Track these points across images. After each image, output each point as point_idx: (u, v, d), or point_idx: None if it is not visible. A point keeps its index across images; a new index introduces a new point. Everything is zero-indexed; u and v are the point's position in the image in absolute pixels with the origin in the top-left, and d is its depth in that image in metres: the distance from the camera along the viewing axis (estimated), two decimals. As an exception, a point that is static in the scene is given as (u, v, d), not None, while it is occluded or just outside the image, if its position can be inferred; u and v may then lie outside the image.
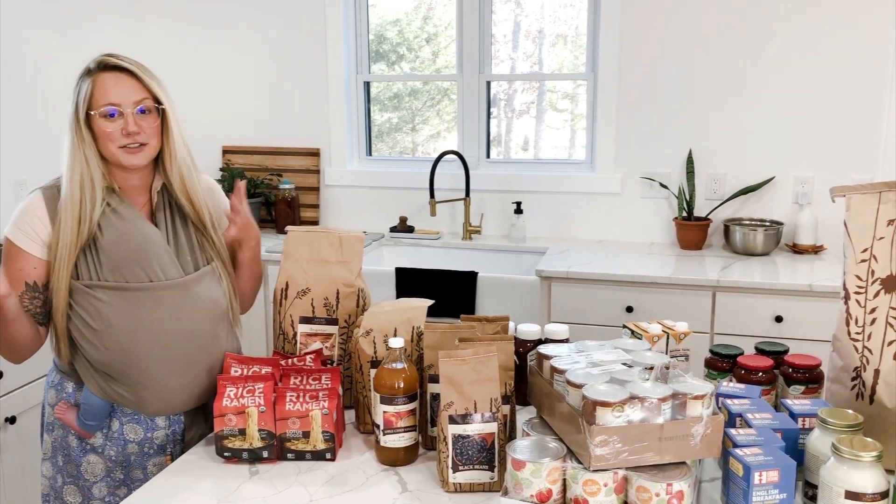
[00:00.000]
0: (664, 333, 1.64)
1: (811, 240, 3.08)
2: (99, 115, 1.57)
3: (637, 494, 1.24)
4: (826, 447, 1.26)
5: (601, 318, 2.83)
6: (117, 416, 1.66)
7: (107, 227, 1.60)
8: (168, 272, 1.63)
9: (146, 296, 1.61)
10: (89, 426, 1.65)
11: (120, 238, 1.60)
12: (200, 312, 1.67)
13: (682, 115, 3.24)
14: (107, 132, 1.58)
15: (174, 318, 1.63)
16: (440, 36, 3.71)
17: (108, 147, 1.59)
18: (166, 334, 1.62)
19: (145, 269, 1.61)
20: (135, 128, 1.59)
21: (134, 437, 1.66)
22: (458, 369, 1.40)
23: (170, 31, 3.73)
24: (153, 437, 1.67)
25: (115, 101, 1.58)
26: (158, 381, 1.63)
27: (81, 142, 1.58)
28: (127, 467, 1.68)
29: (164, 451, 1.69)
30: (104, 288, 1.59)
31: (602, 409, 1.24)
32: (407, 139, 3.87)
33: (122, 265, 1.59)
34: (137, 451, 1.67)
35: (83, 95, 1.58)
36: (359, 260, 1.77)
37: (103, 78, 1.59)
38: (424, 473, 1.47)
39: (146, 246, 1.62)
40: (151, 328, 1.61)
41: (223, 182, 3.59)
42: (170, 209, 1.70)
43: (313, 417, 1.50)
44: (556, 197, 3.44)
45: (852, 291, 1.44)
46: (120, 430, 1.66)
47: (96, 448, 1.67)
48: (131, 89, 1.60)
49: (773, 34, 3.09)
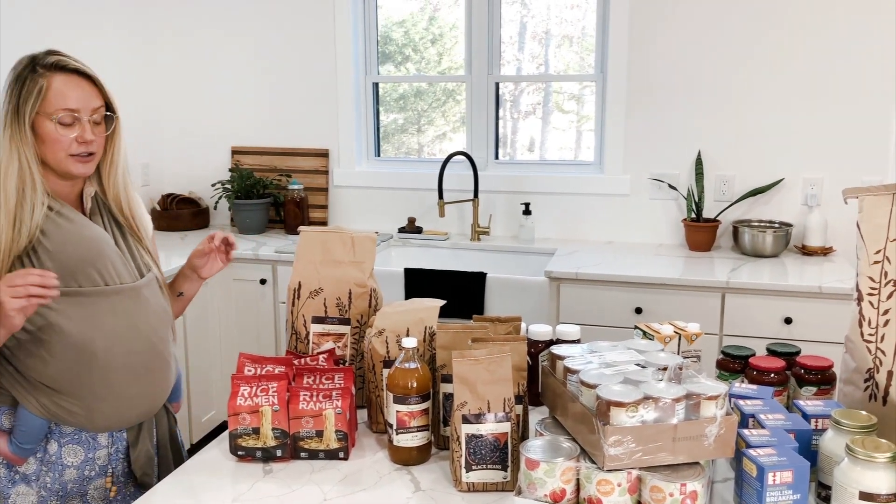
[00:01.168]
0: (676, 334, 1.64)
1: (820, 241, 3.08)
2: (54, 119, 1.47)
3: (651, 494, 1.24)
4: (839, 448, 1.26)
5: (610, 319, 2.84)
6: (55, 436, 1.54)
7: (52, 230, 1.49)
8: (122, 275, 1.56)
9: (103, 300, 1.52)
10: (25, 450, 1.52)
11: (70, 241, 1.50)
12: (153, 317, 1.60)
13: (690, 116, 3.24)
14: (58, 138, 1.48)
15: (131, 323, 1.55)
16: (445, 37, 3.72)
17: (56, 153, 1.49)
18: (126, 340, 1.54)
19: (100, 272, 1.52)
20: (91, 136, 1.51)
21: (73, 461, 1.56)
22: (471, 369, 1.40)
23: (180, 32, 3.74)
24: (94, 457, 1.58)
25: (74, 106, 1.48)
26: (117, 390, 1.54)
27: (22, 142, 1.46)
28: (63, 497, 1.56)
29: (105, 473, 1.60)
30: None
31: (616, 409, 1.24)
32: (413, 140, 3.88)
33: (73, 268, 1.49)
34: (76, 476, 1.57)
35: (33, 94, 1.45)
36: (371, 260, 1.77)
37: (61, 80, 1.48)
38: (437, 473, 1.48)
39: (99, 247, 1.53)
40: (110, 333, 1.52)
41: (232, 182, 3.60)
42: (105, 215, 1.62)
43: (326, 416, 1.50)
44: (564, 198, 3.45)
45: (865, 293, 1.44)
46: (58, 452, 1.55)
47: (28, 477, 1.54)
48: (90, 96, 1.51)
49: (783, 35, 3.09)
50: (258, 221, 3.61)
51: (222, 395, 3.27)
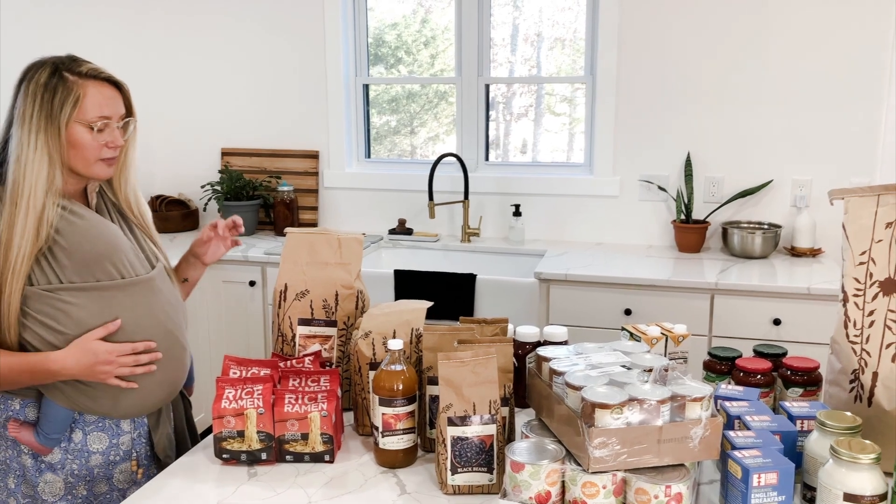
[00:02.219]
0: (663, 336, 1.64)
1: (809, 243, 3.09)
2: (92, 126, 1.54)
3: (636, 496, 1.24)
4: (824, 449, 1.26)
5: (599, 320, 2.84)
6: (79, 425, 1.60)
7: (67, 228, 1.53)
8: (136, 268, 1.61)
9: (120, 293, 1.57)
10: (51, 440, 1.57)
11: (86, 238, 1.55)
12: (168, 305, 1.66)
13: (680, 117, 3.25)
14: (92, 144, 1.54)
15: (150, 312, 1.61)
16: (438, 39, 3.72)
17: (87, 158, 1.55)
18: (145, 329, 1.60)
19: (116, 266, 1.57)
20: (122, 142, 1.60)
21: (98, 447, 1.62)
22: (456, 371, 1.40)
23: (169, 32, 3.73)
24: (119, 442, 1.64)
25: (108, 114, 1.56)
26: (139, 378, 1.60)
27: (54, 148, 1.50)
28: (90, 482, 1.62)
29: (130, 457, 1.66)
30: (72, 290, 1.53)
31: (601, 411, 1.24)
32: (405, 142, 3.87)
33: (91, 264, 1.54)
34: (102, 461, 1.62)
35: (69, 102, 1.51)
36: (358, 262, 1.77)
37: (98, 88, 1.55)
38: (423, 475, 1.47)
39: (114, 242, 1.59)
40: (132, 325, 1.58)
41: (222, 183, 3.59)
42: (111, 210, 1.67)
43: (312, 419, 1.50)
44: (554, 199, 3.45)
45: (850, 294, 1.45)
46: (83, 440, 1.61)
47: (53, 466, 1.60)
48: (119, 103, 1.60)
49: (772, 37, 3.10)
50: (248, 223, 3.60)
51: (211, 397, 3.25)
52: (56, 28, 3.22)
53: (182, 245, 3.39)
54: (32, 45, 3.16)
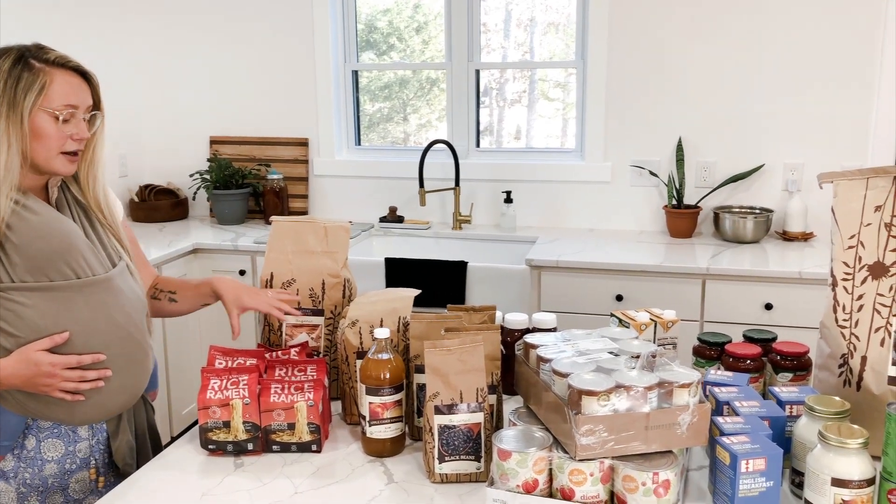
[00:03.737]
0: (652, 322, 1.63)
1: (801, 227, 3.08)
2: (57, 115, 1.46)
3: (623, 484, 1.23)
4: (813, 434, 1.25)
5: (591, 306, 2.83)
6: (32, 432, 1.51)
7: (18, 224, 1.44)
8: (93, 267, 1.52)
9: (75, 294, 1.48)
10: (3, 447, 1.49)
11: (39, 235, 1.46)
12: (128, 306, 1.57)
13: (671, 102, 3.23)
14: (54, 134, 1.46)
15: (107, 314, 1.52)
16: (430, 25, 3.69)
17: (49, 150, 1.47)
18: (103, 332, 1.51)
19: (71, 265, 1.48)
20: (87, 133, 1.50)
21: (53, 455, 1.52)
22: (443, 359, 1.38)
23: (156, 20, 3.69)
24: (75, 450, 1.54)
25: (74, 103, 1.48)
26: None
27: (14, 135, 1.43)
28: (44, 492, 1.53)
29: (88, 465, 1.57)
30: (23, 290, 1.44)
31: (588, 398, 1.23)
32: (398, 129, 3.85)
33: (43, 263, 1.45)
34: (57, 470, 1.53)
35: (34, 89, 1.44)
36: (344, 250, 1.75)
37: (65, 77, 1.47)
38: (411, 464, 1.46)
39: (69, 240, 1.49)
40: (88, 328, 1.49)
41: (211, 172, 3.56)
42: (73, 205, 1.57)
43: (298, 409, 1.49)
44: (545, 186, 3.43)
45: (839, 278, 1.44)
46: (37, 447, 1.51)
47: (6, 473, 1.50)
48: (86, 94, 1.51)
49: (764, 21, 3.08)
50: (237, 212, 3.58)
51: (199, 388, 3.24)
52: (41, 17, 3.18)
53: (170, 234, 3.38)
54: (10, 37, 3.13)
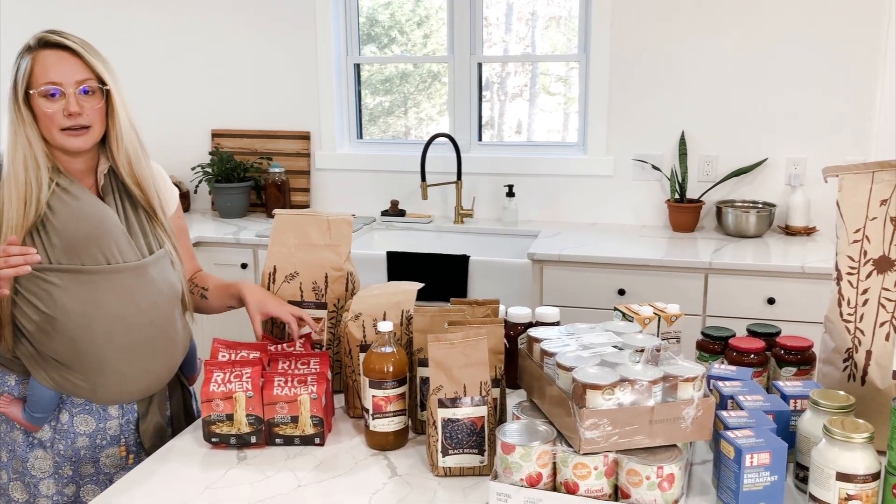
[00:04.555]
0: (655, 316, 1.63)
1: (804, 221, 3.07)
2: (39, 94, 1.50)
3: (628, 478, 1.23)
4: (817, 429, 1.25)
5: (593, 300, 2.82)
6: (67, 406, 1.60)
7: (59, 206, 1.53)
8: (125, 254, 1.57)
9: (103, 279, 1.54)
10: (37, 419, 1.58)
11: (75, 218, 1.53)
12: (158, 295, 1.61)
13: (674, 96, 3.22)
14: (47, 113, 1.50)
15: (133, 301, 1.57)
16: (431, 19, 3.67)
17: (49, 129, 1.52)
18: (126, 318, 1.56)
19: (103, 251, 1.54)
20: (76, 108, 1.51)
21: (85, 429, 1.60)
22: (447, 353, 1.38)
23: (158, 12, 3.68)
24: (106, 427, 1.62)
25: (56, 79, 1.50)
26: (117, 367, 1.57)
27: (21, 122, 1.51)
28: (76, 462, 1.62)
29: (118, 442, 1.63)
30: (58, 271, 1.51)
31: (592, 391, 1.23)
32: (399, 123, 3.84)
33: (77, 247, 1.52)
34: (88, 443, 1.61)
35: (22, 73, 1.50)
36: (347, 243, 1.75)
37: (44, 55, 1.51)
38: (414, 458, 1.46)
39: (103, 226, 1.55)
40: (110, 312, 1.54)
41: (213, 166, 3.55)
42: (118, 192, 1.62)
43: (302, 402, 1.48)
44: (548, 180, 3.42)
45: (844, 272, 1.43)
46: (70, 421, 1.60)
47: (44, 443, 1.60)
48: (73, 68, 1.52)
49: (767, 14, 3.06)
50: (239, 205, 3.57)
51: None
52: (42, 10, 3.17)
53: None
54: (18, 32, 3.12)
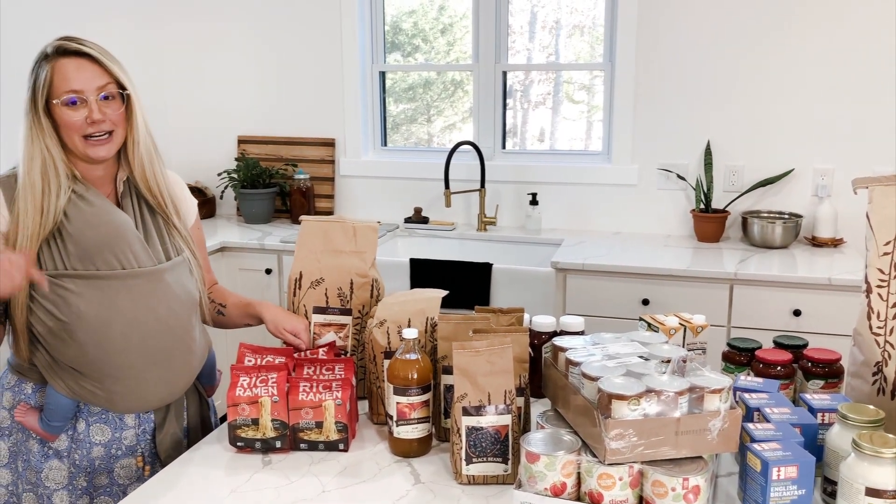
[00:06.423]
0: (681, 326, 1.62)
1: (830, 233, 3.04)
2: (61, 103, 1.49)
3: (653, 489, 1.22)
4: (846, 443, 1.23)
5: (617, 310, 2.81)
6: (83, 415, 1.58)
7: (74, 213, 1.52)
8: (141, 260, 1.56)
9: (119, 284, 1.53)
10: (54, 427, 1.56)
11: (90, 224, 1.53)
12: (175, 302, 1.60)
13: (700, 106, 3.20)
14: (70, 122, 1.50)
15: (149, 307, 1.56)
16: (455, 27, 3.69)
17: (71, 138, 1.52)
18: (143, 324, 1.55)
19: (118, 256, 1.54)
20: (99, 115, 1.51)
21: (101, 439, 1.59)
22: (472, 361, 1.38)
23: (185, 20, 3.73)
24: (122, 437, 1.60)
25: (76, 87, 1.50)
26: (134, 374, 1.56)
27: (40, 131, 1.50)
28: (91, 473, 1.60)
29: (134, 453, 1.62)
30: (73, 277, 1.51)
31: (618, 402, 1.22)
32: (422, 130, 3.86)
33: (92, 252, 1.52)
34: (104, 454, 1.60)
35: (42, 82, 1.49)
36: (373, 250, 1.76)
37: (63, 64, 1.50)
38: (437, 465, 1.47)
39: (118, 232, 1.55)
40: (127, 318, 1.54)
41: (238, 171, 3.59)
42: (136, 199, 1.63)
43: (326, 408, 1.49)
44: (571, 188, 3.42)
45: (874, 285, 1.42)
46: (86, 431, 1.58)
47: (60, 453, 1.59)
48: (93, 75, 1.52)
49: (794, 24, 3.05)
50: (264, 211, 3.60)
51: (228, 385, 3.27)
52: (67, 17, 3.22)
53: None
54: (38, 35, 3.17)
